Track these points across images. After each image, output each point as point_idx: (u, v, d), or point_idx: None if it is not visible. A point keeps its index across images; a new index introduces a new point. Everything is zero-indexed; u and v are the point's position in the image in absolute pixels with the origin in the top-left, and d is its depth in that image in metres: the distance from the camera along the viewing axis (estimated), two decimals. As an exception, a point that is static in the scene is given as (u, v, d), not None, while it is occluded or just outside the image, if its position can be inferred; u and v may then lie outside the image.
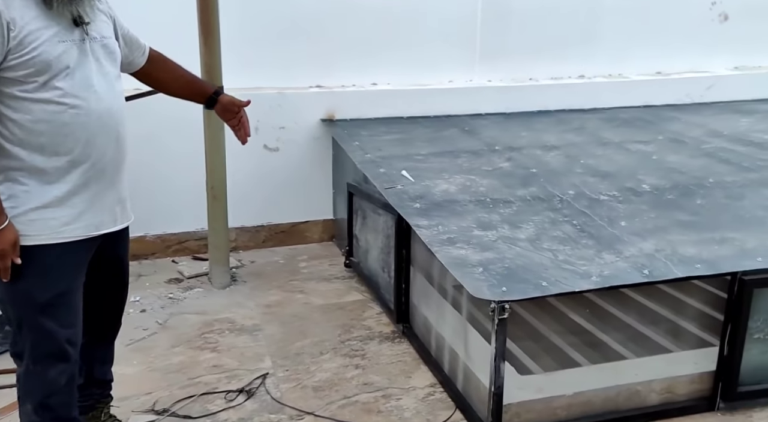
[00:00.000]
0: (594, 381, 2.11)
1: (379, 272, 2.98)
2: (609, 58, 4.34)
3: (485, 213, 2.41)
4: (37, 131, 1.52)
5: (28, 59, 1.47)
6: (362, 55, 3.81)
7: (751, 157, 3.19)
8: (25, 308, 1.60)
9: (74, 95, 1.53)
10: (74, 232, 1.61)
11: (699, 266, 1.98)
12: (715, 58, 4.62)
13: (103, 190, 1.64)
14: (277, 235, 3.80)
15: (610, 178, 2.84)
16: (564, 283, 1.87)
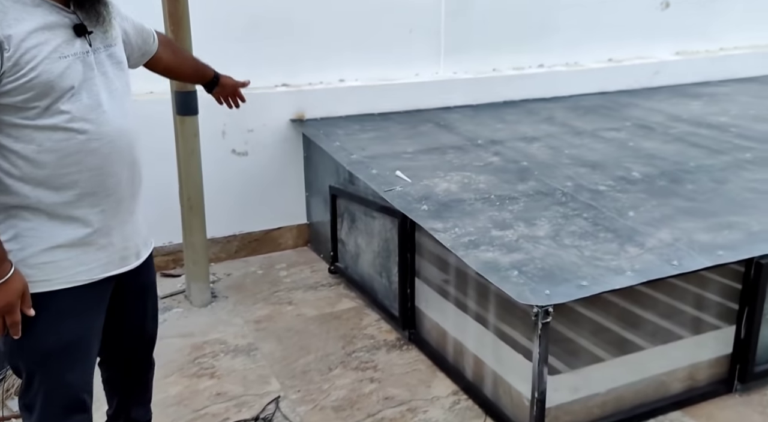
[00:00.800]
0: (623, 377, 2.10)
1: (374, 277, 2.86)
2: (565, 48, 4.41)
3: (495, 211, 2.35)
4: (42, 163, 1.29)
5: (25, 82, 1.22)
6: (328, 51, 3.66)
7: (716, 140, 3.31)
8: (35, 359, 1.38)
9: (82, 119, 1.30)
10: (90, 274, 1.39)
11: (721, 253, 2.00)
12: (659, 44, 4.80)
13: (120, 223, 1.42)
14: (249, 244, 3.60)
15: (600, 167, 2.85)
16: (602, 281, 1.84)
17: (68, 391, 1.42)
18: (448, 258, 2.46)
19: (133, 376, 1.69)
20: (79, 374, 1.43)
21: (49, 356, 1.38)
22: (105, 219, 1.39)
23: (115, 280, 1.47)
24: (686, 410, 2.16)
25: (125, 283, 1.51)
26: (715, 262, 1.95)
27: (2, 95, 1.23)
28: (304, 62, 3.62)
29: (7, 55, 1.20)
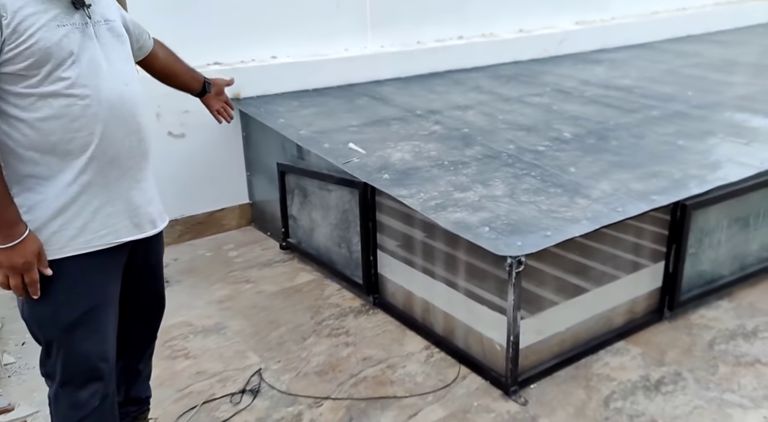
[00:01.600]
0: (576, 316, 2.35)
1: (333, 249, 2.94)
2: (481, 19, 4.64)
3: (452, 176, 2.50)
4: (48, 129, 1.31)
5: (25, 49, 1.25)
6: (258, 28, 3.63)
7: (626, 100, 3.66)
8: (52, 329, 1.40)
9: (83, 84, 1.33)
10: (101, 240, 1.41)
11: (655, 198, 2.28)
12: (562, 15, 5.15)
13: (127, 190, 1.44)
14: (193, 228, 3.54)
15: (534, 130, 3.08)
16: (563, 230, 2.04)
17: (85, 360, 1.44)
18: (411, 223, 2.59)
19: (135, 352, 1.71)
20: (95, 343, 1.45)
21: (66, 325, 1.40)
22: (112, 185, 1.41)
23: (126, 252, 1.49)
24: (628, 339, 2.45)
25: (135, 258, 1.52)
26: (652, 206, 2.22)
27: (5, 63, 1.25)
28: (235, 40, 3.56)
29: (5, 21, 1.23)
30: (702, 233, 2.49)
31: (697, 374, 2.23)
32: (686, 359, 2.32)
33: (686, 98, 3.60)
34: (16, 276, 1.31)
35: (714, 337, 2.45)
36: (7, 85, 1.27)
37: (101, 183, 1.39)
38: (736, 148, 2.75)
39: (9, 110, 1.29)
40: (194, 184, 3.46)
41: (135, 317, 1.65)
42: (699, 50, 5.01)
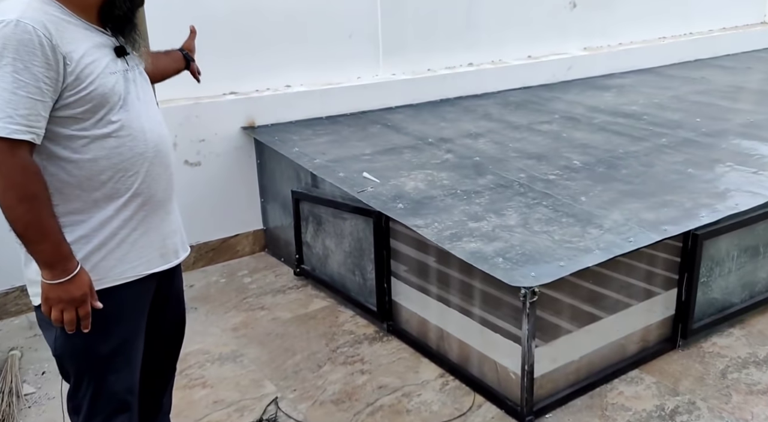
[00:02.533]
0: (590, 344, 2.37)
1: (347, 276, 2.98)
2: (490, 46, 4.72)
3: (465, 205, 2.54)
4: (99, 169, 1.38)
5: (86, 94, 1.33)
6: (273, 57, 3.72)
7: (634, 128, 3.70)
8: (85, 361, 1.44)
9: (130, 127, 1.41)
10: (134, 271, 1.47)
11: (666, 228, 2.31)
12: (570, 41, 5.23)
13: (160, 222, 1.51)
14: (207, 254, 3.59)
15: (545, 159, 3.13)
16: (576, 260, 2.08)
17: (114, 394, 1.48)
18: (425, 251, 2.63)
19: (158, 383, 1.74)
20: (125, 376, 1.49)
21: (101, 357, 1.44)
22: (148, 219, 1.47)
23: (155, 283, 1.54)
24: (642, 368, 2.47)
25: (160, 288, 1.58)
26: (663, 236, 2.25)
27: (64, 107, 1.32)
28: (250, 70, 3.65)
29: (70, 69, 1.30)
30: (713, 262, 2.51)
31: (710, 403, 2.24)
32: (700, 388, 2.33)
33: (694, 125, 3.65)
34: (71, 310, 1.35)
35: (726, 366, 2.46)
36: (60, 127, 1.33)
37: (140, 217, 1.46)
38: (745, 177, 2.78)
39: (58, 152, 1.35)
40: (209, 211, 3.51)
41: (158, 346, 1.69)
42: (706, 76, 5.07)
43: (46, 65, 1.26)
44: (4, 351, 2.70)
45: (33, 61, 1.24)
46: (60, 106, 1.31)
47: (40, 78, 1.25)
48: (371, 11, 4.05)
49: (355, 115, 3.93)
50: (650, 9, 5.54)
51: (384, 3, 4.07)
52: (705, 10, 5.88)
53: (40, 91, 1.25)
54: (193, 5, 3.37)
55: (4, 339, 2.84)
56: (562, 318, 2.46)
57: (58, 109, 1.31)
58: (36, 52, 1.24)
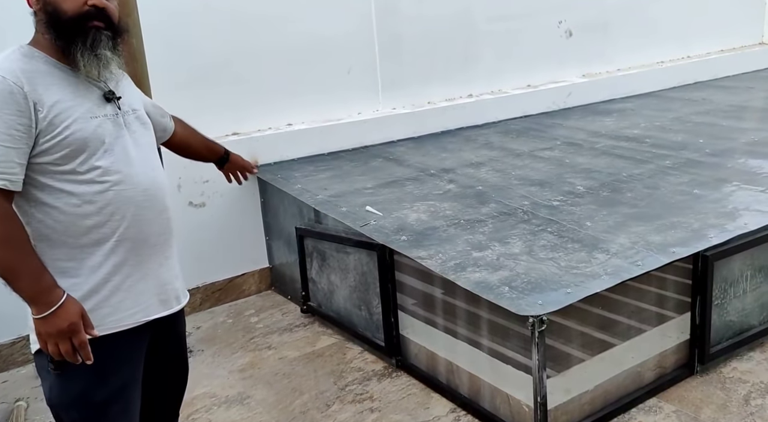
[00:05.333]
0: (604, 373, 2.30)
1: (353, 311, 2.94)
2: (489, 77, 4.76)
3: (469, 234, 2.52)
4: (82, 215, 1.37)
5: (61, 140, 1.33)
6: (273, 97, 3.76)
7: (637, 151, 3.69)
8: (82, 410, 1.41)
9: (116, 171, 1.40)
10: (131, 318, 1.45)
11: (674, 250, 2.27)
12: (568, 68, 5.27)
13: (156, 267, 1.49)
14: (213, 295, 3.56)
15: (548, 185, 3.11)
16: (584, 286, 2.03)
17: None
18: (431, 282, 2.60)
19: None
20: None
21: (97, 405, 1.41)
22: (142, 264, 1.46)
23: (153, 329, 1.51)
24: (660, 396, 2.39)
25: (159, 333, 1.54)
26: (672, 258, 2.21)
27: (41, 154, 1.32)
28: (252, 110, 3.69)
29: (41, 115, 1.31)
30: (726, 283, 2.45)
31: (735, 431, 2.16)
32: (723, 416, 2.24)
33: (698, 146, 3.63)
34: (65, 342, 1.32)
35: (749, 392, 2.37)
36: (41, 174, 1.34)
37: (133, 262, 1.44)
38: (753, 196, 2.74)
39: (43, 198, 1.35)
40: (214, 251, 3.51)
41: (158, 393, 1.65)
42: (706, 97, 5.07)
43: (18, 112, 1.28)
44: (11, 402, 2.67)
45: (4, 109, 1.26)
46: (38, 153, 1.32)
47: (11, 125, 1.27)
48: (368, 47, 4.11)
49: (357, 149, 3.95)
50: (647, 34, 5.59)
51: (381, 38, 4.13)
52: (702, 33, 5.92)
53: (12, 138, 1.27)
54: (193, 52, 3.45)
55: (11, 389, 2.81)
56: (573, 347, 2.40)
57: (37, 156, 1.32)
58: (7, 101, 1.27)
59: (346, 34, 4.00)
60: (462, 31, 4.56)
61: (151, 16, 2.92)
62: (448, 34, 4.48)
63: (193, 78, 3.47)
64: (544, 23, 5.02)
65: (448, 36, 4.49)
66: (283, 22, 3.73)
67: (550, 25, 5.07)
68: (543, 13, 4.93)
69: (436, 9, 4.36)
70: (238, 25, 3.58)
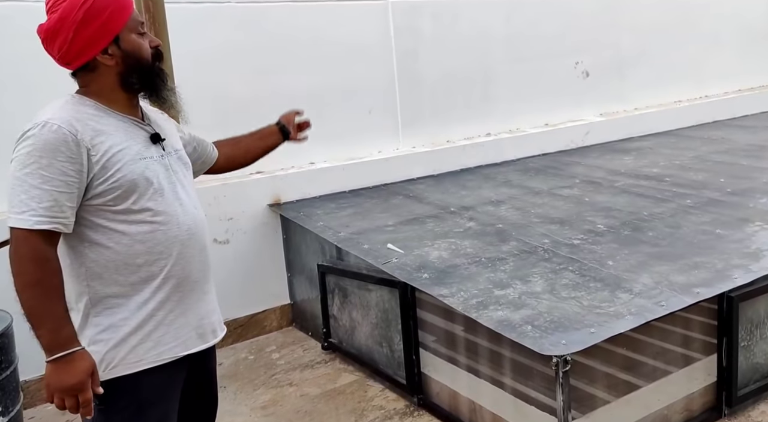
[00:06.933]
0: (631, 415, 2.27)
1: (374, 348, 2.94)
2: (507, 116, 4.84)
3: (490, 272, 2.53)
4: (133, 254, 1.43)
5: (114, 181, 1.40)
6: (296, 136, 3.84)
7: (657, 189, 3.70)
8: None
9: (164, 212, 1.47)
10: (170, 352, 1.49)
11: (698, 291, 2.26)
12: (586, 108, 5.33)
13: (196, 302, 1.54)
14: (235, 331, 3.59)
15: (568, 223, 3.13)
16: (607, 326, 2.03)
17: None
18: (453, 320, 2.60)
19: None
20: None
21: None
22: (183, 299, 1.50)
23: (190, 361, 1.54)
24: (688, 439, 2.34)
25: (194, 368, 1.58)
26: (696, 299, 2.20)
27: (95, 196, 1.39)
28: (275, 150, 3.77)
29: (95, 160, 1.38)
30: (752, 325, 2.43)
31: (766, 477, 2.10)
32: (753, 460, 2.20)
33: (719, 185, 3.63)
34: (71, 398, 1.35)
35: (780, 435, 2.32)
36: (95, 215, 1.40)
37: (176, 298, 1.49)
38: (776, 236, 2.73)
39: (97, 238, 1.41)
40: (237, 288, 3.55)
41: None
42: (726, 136, 5.08)
43: (71, 159, 1.34)
44: (35, 436, 2.70)
45: (57, 156, 1.33)
46: (92, 196, 1.39)
47: (65, 171, 1.33)
48: (389, 87, 4.21)
49: (378, 187, 4.01)
50: (663, 74, 5.66)
51: (401, 79, 4.24)
52: (718, 74, 5.98)
53: (65, 183, 1.34)
54: (218, 93, 3.57)
55: (37, 424, 2.84)
56: (598, 388, 2.37)
57: (90, 199, 1.39)
58: (60, 148, 1.33)
59: (367, 77, 4.12)
60: (480, 72, 4.66)
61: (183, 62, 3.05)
62: (466, 75, 4.59)
63: (219, 120, 3.55)
64: (561, 64, 5.11)
65: (467, 76, 4.59)
66: (306, 67, 3.85)
67: (567, 66, 5.16)
68: (559, 55, 5.03)
69: (454, 52, 4.47)
70: (263, 69, 3.71)
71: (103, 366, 1.42)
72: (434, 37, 4.35)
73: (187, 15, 3.34)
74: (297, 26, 3.80)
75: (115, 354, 1.43)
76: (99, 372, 1.40)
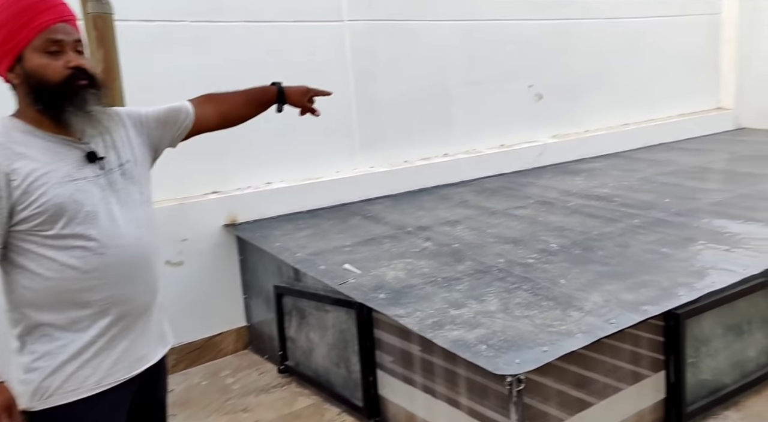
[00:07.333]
0: (583, 431, 2.30)
1: (331, 370, 2.91)
2: (464, 137, 4.92)
3: (446, 292, 2.55)
4: (67, 280, 1.37)
5: (38, 206, 1.33)
6: (253, 157, 3.82)
7: (607, 210, 3.81)
8: None
9: (99, 236, 1.39)
10: (112, 377, 1.43)
11: (646, 308, 2.33)
12: (539, 130, 5.48)
13: (141, 327, 1.49)
14: (189, 355, 3.50)
15: (522, 243, 3.18)
16: (559, 344, 2.07)
17: None
18: (409, 340, 2.60)
19: None
20: None
21: None
22: (129, 325, 1.45)
23: (134, 389, 1.50)
24: (639, 455, 2.39)
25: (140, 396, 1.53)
26: (644, 317, 2.26)
27: (20, 222, 1.33)
28: (232, 169, 3.75)
29: (15, 184, 1.31)
30: (698, 341, 2.51)
31: (713, 490, 2.16)
32: (700, 474, 2.25)
33: (665, 205, 3.76)
34: None
35: (725, 449, 2.39)
36: (24, 241, 1.35)
37: (119, 324, 1.44)
38: (719, 255, 2.84)
39: (27, 264, 1.36)
40: (191, 310, 3.47)
41: None
42: (671, 158, 5.29)
43: None
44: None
45: None
46: (17, 222, 1.33)
47: None
48: (347, 107, 4.23)
49: (336, 207, 4.00)
50: (612, 98, 5.87)
51: (359, 99, 4.27)
52: (664, 99, 6.24)
53: None
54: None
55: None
56: (551, 406, 2.40)
57: (16, 225, 1.33)
58: None
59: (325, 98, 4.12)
60: (437, 94, 4.74)
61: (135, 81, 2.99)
62: (423, 97, 4.65)
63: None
64: (516, 87, 5.24)
65: (424, 98, 4.66)
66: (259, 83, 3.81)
67: (521, 89, 5.30)
68: (514, 77, 5.16)
69: (411, 73, 4.54)
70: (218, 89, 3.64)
71: (38, 396, 1.37)
72: (391, 59, 4.41)
73: (139, 33, 3.30)
74: (253, 46, 3.80)
75: (51, 382, 1.37)
76: (34, 401, 1.35)
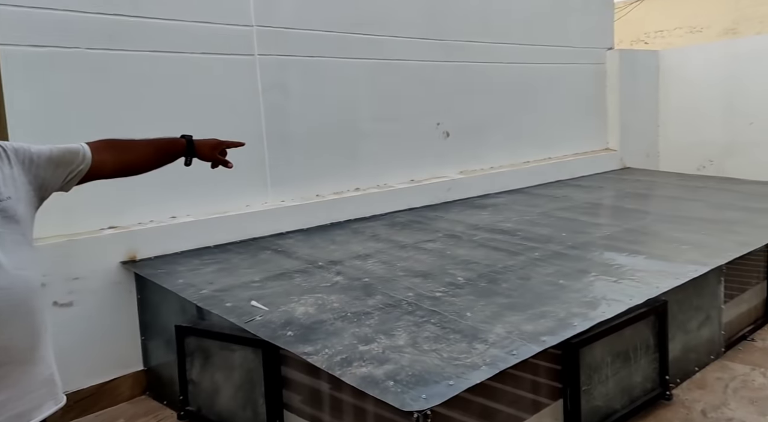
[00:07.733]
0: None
1: (237, 413, 2.80)
2: (375, 172, 5.01)
3: (356, 327, 2.54)
4: None
5: None
6: (156, 189, 3.68)
7: (510, 243, 3.99)
8: None
9: None
10: None
11: (544, 339, 2.44)
12: (447, 166, 5.68)
13: (21, 375, 1.38)
14: (79, 404, 3.25)
15: (431, 276, 3.25)
16: (464, 377, 2.11)
17: None
18: (319, 377, 2.56)
19: None
20: None
21: None
22: (7, 374, 1.34)
23: None
24: (541, 483, 2.46)
25: None
26: (542, 347, 2.36)
27: None
28: (132, 202, 3.58)
29: None
30: (591, 369, 2.65)
31: None
32: (597, 498, 2.35)
33: (561, 239, 3.99)
34: None
35: (619, 471, 2.51)
36: None
37: None
38: (608, 286, 3.04)
39: None
40: (81, 355, 3.23)
41: None
42: (567, 194, 5.64)
43: None
44: None
45: None
46: None
47: None
48: (258, 143, 4.20)
49: (246, 242, 3.92)
50: (514, 137, 6.21)
51: (270, 133, 4.25)
52: (560, 139, 6.68)
53: None
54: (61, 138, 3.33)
55: None
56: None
57: None
58: None
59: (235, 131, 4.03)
60: (348, 130, 4.81)
61: (22, 109, 2.83)
62: (335, 132, 4.71)
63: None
64: (424, 125, 5.43)
65: (335, 133, 4.71)
66: (170, 120, 3.72)
67: (430, 126, 5.49)
68: (422, 115, 5.35)
69: (322, 109, 4.58)
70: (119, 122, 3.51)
71: None
72: (302, 94, 4.44)
73: (26, 60, 3.12)
74: (159, 77, 3.70)
75: None
76: None
